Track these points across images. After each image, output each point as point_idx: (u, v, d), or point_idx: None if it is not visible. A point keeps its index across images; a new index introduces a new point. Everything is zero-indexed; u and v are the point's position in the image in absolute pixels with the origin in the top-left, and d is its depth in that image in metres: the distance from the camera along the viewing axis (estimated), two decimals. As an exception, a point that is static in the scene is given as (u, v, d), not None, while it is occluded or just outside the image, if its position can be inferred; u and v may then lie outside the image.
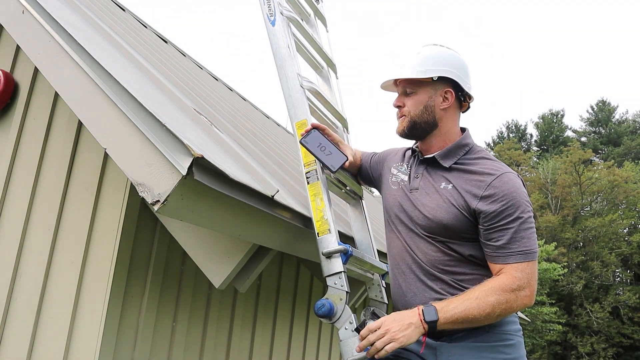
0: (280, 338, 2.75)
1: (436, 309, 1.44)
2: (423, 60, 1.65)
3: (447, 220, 1.55)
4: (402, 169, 1.80)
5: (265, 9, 1.95)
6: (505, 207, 1.50)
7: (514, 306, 1.46)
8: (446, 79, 1.64)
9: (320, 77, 2.42)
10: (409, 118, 1.67)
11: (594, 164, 28.42)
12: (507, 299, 1.45)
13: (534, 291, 1.49)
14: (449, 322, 1.44)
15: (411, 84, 1.67)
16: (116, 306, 1.75)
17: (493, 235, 1.51)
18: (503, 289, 1.46)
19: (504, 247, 1.49)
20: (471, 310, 1.43)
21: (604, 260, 23.03)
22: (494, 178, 1.54)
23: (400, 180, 1.76)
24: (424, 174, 1.69)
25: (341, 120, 2.24)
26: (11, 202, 2.11)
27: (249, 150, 2.44)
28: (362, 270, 1.93)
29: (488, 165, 1.60)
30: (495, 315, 1.46)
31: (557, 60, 62.34)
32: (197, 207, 1.31)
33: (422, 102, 1.66)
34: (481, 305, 1.44)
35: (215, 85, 5.59)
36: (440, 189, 1.62)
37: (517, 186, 1.53)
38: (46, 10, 1.93)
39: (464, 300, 1.45)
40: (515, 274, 1.47)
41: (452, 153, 1.66)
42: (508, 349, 1.52)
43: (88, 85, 1.51)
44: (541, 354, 20.59)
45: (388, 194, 1.79)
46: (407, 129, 1.68)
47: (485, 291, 1.45)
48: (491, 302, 1.44)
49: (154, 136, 1.30)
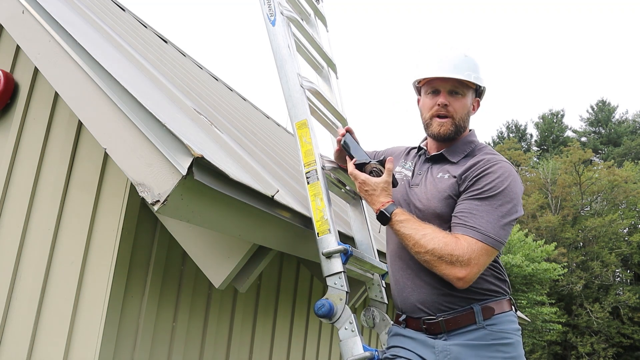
0: (280, 338, 2.75)
1: (394, 212, 1.55)
2: (474, 66, 1.69)
3: (440, 208, 1.58)
4: (406, 166, 1.81)
5: (266, 8, 1.95)
6: (485, 185, 1.53)
7: (441, 268, 1.47)
8: (476, 90, 1.73)
9: (320, 77, 2.42)
10: (456, 121, 1.68)
11: (594, 164, 28.43)
12: (441, 256, 1.46)
13: (469, 275, 1.46)
14: (394, 229, 1.55)
15: (462, 86, 1.67)
16: (116, 306, 1.75)
17: (459, 205, 1.55)
18: (445, 246, 1.47)
19: (461, 218, 1.52)
20: (411, 237, 1.51)
21: (604, 260, 23.02)
22: (489, 164, 1.58)
23: (403, 176, 1.78)
24: (428, 171, 1.71)
25: (341, 120, 2.24)
26: (11, 202, 2.11)
27: (249, 150, 2.44)
28: (362, 270, 1.93)
29: (486, 155, 1.63)
30: (422, 259, 1.51)
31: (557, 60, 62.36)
32: (197, 207, 1.31)
33: (467, 106, 1.70)
34: (420, 242, 1.49)
35: (215, 85, 5.59)
36: (437, 178, 1.65)
37: (506, 175, 1.55)
38: (46, 10, 1.93)
39: (417, 227, 1.52)
40: (462, 243, 1.47)
41: (458, 149, 1.70)
42: (506, 348, 1.52)
43: (88, 85, 1.51)
44: (541, 354, 20.58)
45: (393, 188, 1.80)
46: (454, 132, 1.69)
47: (434, 236, 1.49)
48: (428, 247, 1.48)
49: (154, 136, 1.30)
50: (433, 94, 1.70)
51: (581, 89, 60.28)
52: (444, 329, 1.54)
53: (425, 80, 1.72)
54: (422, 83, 1.74)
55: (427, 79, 1.70)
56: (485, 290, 1.56)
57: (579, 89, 60.01)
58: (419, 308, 1.60)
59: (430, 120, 1.70)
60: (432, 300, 1.57)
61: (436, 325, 1.55)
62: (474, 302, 1.55)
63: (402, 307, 1.67)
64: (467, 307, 1.54)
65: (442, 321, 1.54)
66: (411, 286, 1.62)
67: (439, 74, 1.66)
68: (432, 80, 1.69)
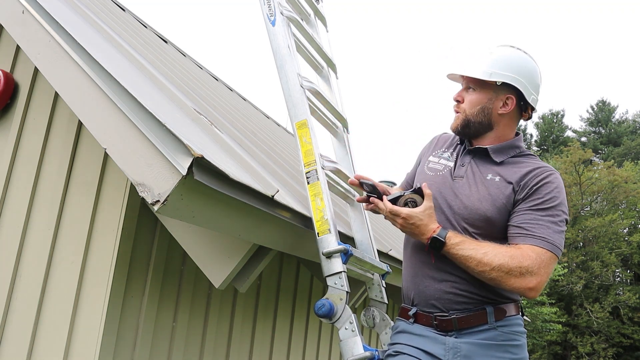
0: (280, 338, 2.75)
1: (447, 237, 1.49)
2: (493, 62, 1.63)
3: (491, 212, 1.55)
4: (445, 155, 1.77)
5: (266, 9, 1.95)
6: (545, 195, 1.53)
7: (510, 282, 1.44)
8: (511, 85, 1.62)
9: (320, 77, 2.42)
10: (464, 116, 1.68)
11: (594, 164, 28.40)
12: (509, 270, 1.44)
13: (540, 284, 1.45)
14: (451, 253, 1.49)
15: (475, 82, 1.66)
16: (116, 306, 1.75)
17: (520, 217, 1.52)
18: (512, 259, 1.45)
19: (527, 229, 1.50)
20: (472, 258, 1.46)
21: (604, 260, 23.01)
22: (542, 169, 1.58)
23: (443, 167, 1.73)
24: (471, 164, 1.68)
25: (341, 120, 2.24)
26: (11, 202, 2.11)
27: (249, 150, 2.44)
28: (362, 270, 1.93)
29: (539, 163, 1.63)
30: (488, 277, 1.47)
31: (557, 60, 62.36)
32: (197, 207, 1.31)
33: (480, 102, 1.65)
34: (484, 260, 1.45)
35: (215, 85, 5.59)
36: (486, 180, 1.61)
37: (561, 186, 1.57)
38: (46, 10, 1.93)
39: (475, 247, 1.48)
40: (530, 253, 1.46)
41: (504, 150, 1.67)
42: (515, 349, 1.53)
43: (88, 85, 1.51)
44: (541, 354, 20.58)
45: (422, 179, 1.74)
46: (461, 126, 1.69)
47: (496, 252, 1.46)
48: (494, 264, 1.44)
49: (153, 136, 1.30)
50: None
51: (581, 89, 60.32)
52: (456, 326, 1.54)
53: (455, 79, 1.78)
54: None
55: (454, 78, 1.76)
56: (500, 294, 1.56)
57: (579, 89, 60.05)
58: (433, 303, 1.58)
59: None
60: (449, 298, 1.56)
61: (448, 322, 1.55)
62: (487, 303, 1.55)
63: (415, 300, 1.65)
64: (480, 308, 1.54)
65: (454, 319, 1.54)
66: (430, 280, 1.60)
67: (452, 70, 1.72)
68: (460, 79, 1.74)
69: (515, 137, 1.71)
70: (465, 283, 1.55)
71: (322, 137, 2.03)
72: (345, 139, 2.27)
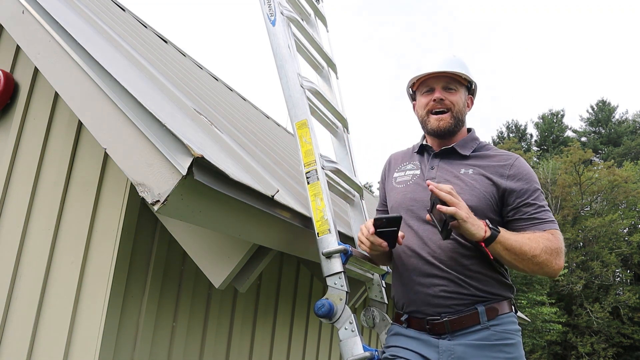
0: (280, 338, 2.75)
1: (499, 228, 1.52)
2: (463, 65, 1.76)
3: (472, 201, 1.58)
4: (408, 167, 1.82)
5: (266, 8, 1.95)
6: (529, 184, 1.63)
7: (553, 264, 1.53)
8: (468, 88, 1.79)
9: (321, 77, 2.42)
10: (454, 113, 1.73)
11: (594, 164, 28.41)
12: (552, 251, 1.52)
13: (563, 264, 1.57)
14: (503, 244, 1.49)
15: (455, 82, 1.74)
16: (116, 306, 1.75)
17: (524, 209, 1.60)
18: (549, 242, 1.54)
19: (536, 218, 1.59)
20: (524, 245, 1.50)
21: (604, 260, 23.01)
22: (513, 159, 1.68)
23: (411, 176, 1.77)
24: (439, 165, 1.73)
25: (341, 120, 2.24)
26: (11, 202, 2.11)
27: (249, 150, 2.44)
28: (362, 270, 1.92)
29: (501, 151, 1.75)
30: (538, 261, 1.51)
31: (557, 60, 62.36)
32: (197, 207, 1.31)
33: (462, 100, 1.76)
34: (533, 244, 1.51)
35: (215, 85, 5.59)
36: (460, 174, 1.67)
37: (530, 167, 1.69)
38: (46, 10, 1.93)
39: (518, 236, 1.53)
40: (558, 237, 1.57)
41: (467, 144, 1.75)
42: (509, 348, 1.53)
43: (88, 85, 1.51)
44: (541, 354, 20.58)
45: (394, 195, 1.78)
46: (453, 125, 1.74)
47: (536, 236, 1.54)
48: (541, 246, 1.51)
49: (153, 136, 1.30)
50: (428, 93, 1.76)
51: (581, 89, 60.35)
52: (449, 329, 1.54)
53: (419, 82, 1.78)
54: (416, 85, 1.80)
55: (421, 79, 1.77)
56: (491, 292, 1.57)
57: (579, 89, 60.08)
58: (423, 310, 1.59)
59: (427, 117, 1.75)
60: (439, 302, 1.57)
61: (440, 326, 1.55)
62: (478, 303, 1.55)
63: (406, 308, 1.67)
64: (471, 308, 1.54)
65: (446, 322, 1.54)
66: (418, 287, 1.61)
67: (432, 69, 1.73)
68: (426, 79, 1.76)
69: (469, 131, 1.82)
70: (453, 285, 1.56)
71: (322, 137, 2.03)
72: (345, 139, 2.27)
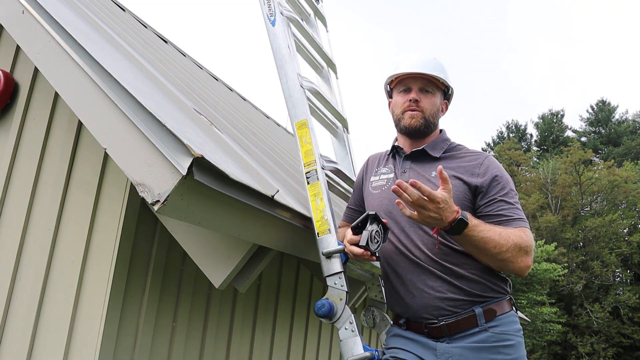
0: (280, 338, 2.75)
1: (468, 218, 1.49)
2: (442, 68, 1.77)
3: None
4: (383, 171, 1.82)
5: (266, 9, 1.95)
6: (499, 182, 1.63)
7: (519, 261, 1.52)
8: (445, 93, 1.81)
9: (320, 77, 2.42)
10: (426, 116, 1.75)
11: (594, 164, 28.41)
12: (520, 248, 1.51)
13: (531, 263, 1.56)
14: (471, 235, 1.48)
15: (432, 85, 1.75)
16: (116, 306, 1.75)
17: (494, 205, 1.60)
18: (520, 238, 1.53)
19: (507, 215, 1.58)
20: (491, 239, 1.49)
21: (604, 260, 23.02)
22: (483, 158, 1.69)
23: (385, 181, 1.78)
24: (411, 168, 1.74)
25: (341, 120, 2.25)
26: (11, 202, 2.11)
27: (249, 150, 2.44)
28: (362, 270, 1.93)
29: (471, 150, 1.76)
30: (503, 257, 1.50)
31: (557, 60, 62.37)
32: (197, 207, 1.31)
33: (436, 104, 1.77)
34: (502, 239, 1.50)
35: (215, 85, 5.59)
36: (432, 177, 1.67)
37: (500, 165, 1.70)
38: (46, 10, 1.93)
39: (489, 229, 1.51)
40: (528, 234, 1.56)
41: (438, 145, 1.76)
42: (508, 350, 1.52)
43: (88, 85, 1.51)
44: (541, 354, 20.58)
45: (371, 200, 1.79)
46: (423, 125, 1.75)
47: (508, 232, 1.53)
48: (510, 243, 1.50)
49: (153, 136, 1.30)
50: (404, 92, 1.77)
51: (581, 89, 60.35)
52: (446, 333, 1.54)
53: (397, 80, 1.79)
54: (394, 83, 1.81)
55: (399, 77, 1.77)
56: (487, 293, 1.57)
57: (579, 89, 60.08)
58: (421, 315, 1.59)
59: (402, 115, 1.77)
60: (435, 305, 1.57)
61: (438, 330, 1.55)
62: (475, 304, 1.55)
63: (402, 314, 1.67)
64: (469, 310, 1.54)
65: (444, 325, 1.54)
66: (413, 293, 1.61)
67: (411, 69, 1.73)
68: (404, 78, 1.76)
69: (441, 132, 1.84)
70: (448, 288, 1.56)
71: (322, 137, 2.03)
72: (345, 139, 2.27)
